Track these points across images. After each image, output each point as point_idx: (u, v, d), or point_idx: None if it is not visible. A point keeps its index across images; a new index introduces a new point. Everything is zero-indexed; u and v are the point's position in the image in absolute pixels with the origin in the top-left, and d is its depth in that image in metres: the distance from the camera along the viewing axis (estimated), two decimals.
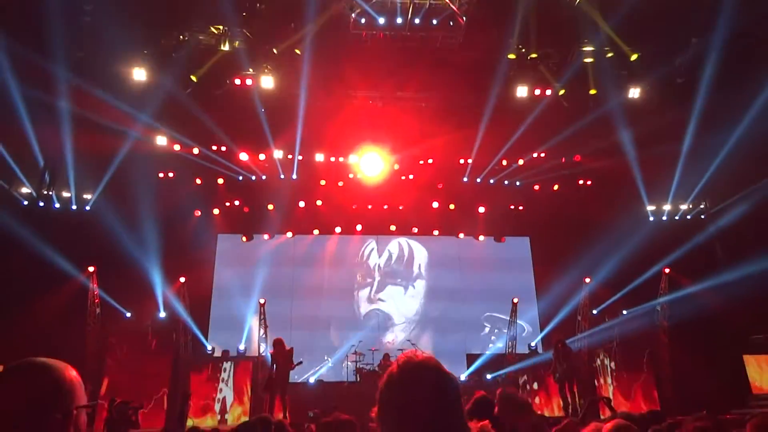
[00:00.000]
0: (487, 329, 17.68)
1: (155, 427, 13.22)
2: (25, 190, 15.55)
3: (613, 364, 15.88)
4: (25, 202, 15.39)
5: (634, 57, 14.03)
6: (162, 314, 15.26)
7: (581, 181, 16.41)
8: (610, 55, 14.46)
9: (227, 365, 15.06)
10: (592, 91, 14.60)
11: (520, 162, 15.93)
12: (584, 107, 14.86)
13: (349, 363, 15.16)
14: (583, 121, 14.90)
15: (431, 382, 1.69)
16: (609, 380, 15.77)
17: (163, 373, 14.42)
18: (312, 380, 15.62)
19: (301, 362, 13.81)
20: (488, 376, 16.06)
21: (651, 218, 16.92)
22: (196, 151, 14.66)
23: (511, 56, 14.21)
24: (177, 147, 14.51)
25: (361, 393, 14.73)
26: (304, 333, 16.26)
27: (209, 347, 15.97)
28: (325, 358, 16.52)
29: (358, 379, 14.76)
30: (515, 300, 16.16)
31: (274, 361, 13.26)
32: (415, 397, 1.66)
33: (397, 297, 17.86)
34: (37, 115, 13.26)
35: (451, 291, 17.81)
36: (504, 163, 16.07)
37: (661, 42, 13.91)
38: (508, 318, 16.42)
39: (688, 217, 17.06)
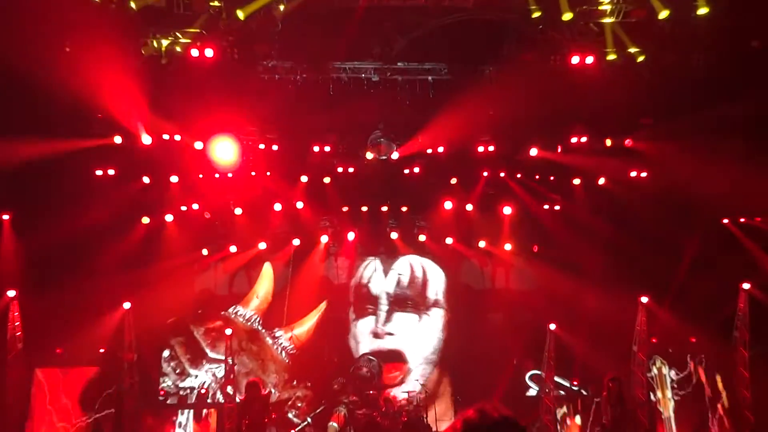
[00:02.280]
0: (533, 392, 14.33)
1: None
2: None
3: (673, 372, 13.64)
4: None
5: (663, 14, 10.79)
6: (101, 349, 12.69)
7: (633, 173, 13.38)
8: (664, 13, 11.23)
9: (185, 413, 12.49)
10: (612, 56, 11.43)
11: (559, 150, 12.94)
12: (638, 77, 11.76)
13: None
14: (631, 95, 11.75)
15: None
16: (669, 394, 13.52)
17: (103, 423, 12.20)
18: None
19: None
20: None
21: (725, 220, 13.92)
22: (148, 141, 11.73)
23: (536, 14, 11.12)
24: (118, 139, 11.64)
25: None
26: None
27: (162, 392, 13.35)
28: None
29: None
30: (552, 326, 13.18)
31: (246, 410, 11.43)
32: None
33: (409, 329, 14.59)
34: None
35: (475, 323, 14.55)
36: (534, 152, 13.03)
37: None
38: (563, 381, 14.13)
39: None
